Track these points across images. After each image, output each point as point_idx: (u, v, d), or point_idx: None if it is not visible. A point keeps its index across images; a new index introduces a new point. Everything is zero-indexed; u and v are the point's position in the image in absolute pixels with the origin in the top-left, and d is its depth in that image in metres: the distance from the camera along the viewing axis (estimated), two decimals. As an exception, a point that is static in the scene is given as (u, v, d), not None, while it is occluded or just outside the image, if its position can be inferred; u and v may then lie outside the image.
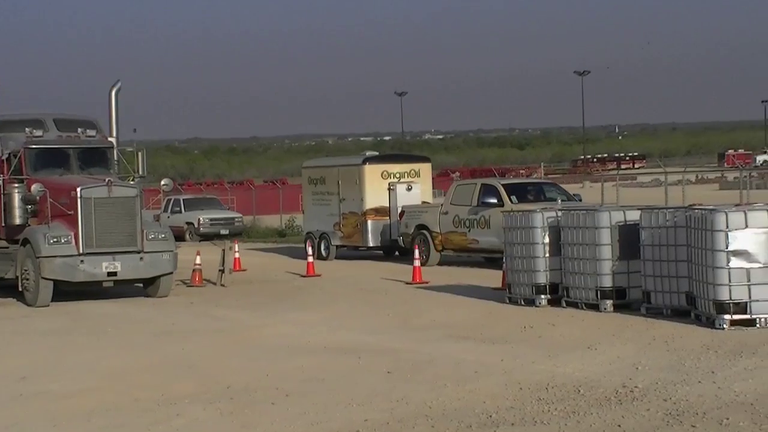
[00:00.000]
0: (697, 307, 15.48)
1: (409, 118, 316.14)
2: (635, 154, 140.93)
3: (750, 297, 14.71)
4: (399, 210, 28.95)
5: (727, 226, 14.73)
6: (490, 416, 10.34)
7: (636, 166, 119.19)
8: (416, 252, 24.10)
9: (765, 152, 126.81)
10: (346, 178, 30.38)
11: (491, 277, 22.27)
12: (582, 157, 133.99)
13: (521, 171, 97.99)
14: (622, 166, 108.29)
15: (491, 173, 69.17)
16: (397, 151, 78.72)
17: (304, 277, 25.50)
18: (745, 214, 14.86)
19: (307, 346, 15.28)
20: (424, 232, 27.69)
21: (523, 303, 18.56)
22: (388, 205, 29.49)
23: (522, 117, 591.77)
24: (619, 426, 9.71)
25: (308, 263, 26.14)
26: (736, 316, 14.70)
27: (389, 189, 29.52)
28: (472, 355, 13.79)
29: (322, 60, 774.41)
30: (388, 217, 29.55)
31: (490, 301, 19.43)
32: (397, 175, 29.87)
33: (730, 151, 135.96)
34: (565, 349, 13.98)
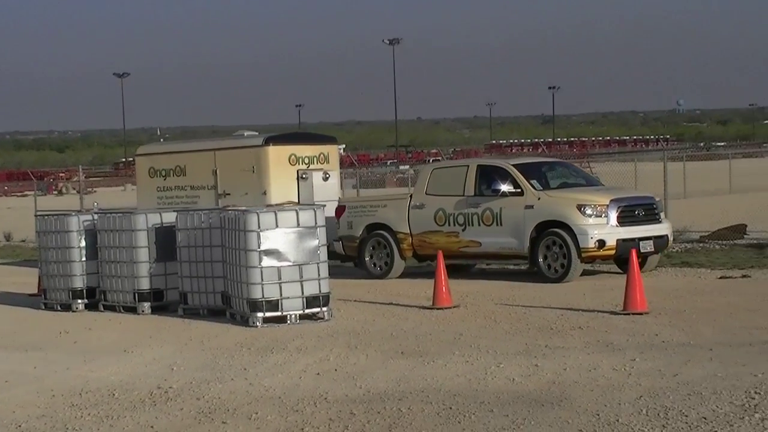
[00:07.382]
0: (232, 306, 15.86)
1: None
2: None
3: (281, 295, 15.25)
4: (324, 205, 20.44)
5: (259, 227, 15.18)
6: (20, 426, 10.03)
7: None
8: None
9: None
10: (231, 165, 22.88)
11: (27, 284, 21.60)
12: (124, 159, 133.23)
13: (61, 174, 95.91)
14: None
15: (28, 176, 66.82)
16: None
17: None
18: (276, 214, 15.39)
19: None
20: (383, 233, 21.13)
21: (59, 308, 18.21)
22: (297, 199, 21.97)
23: (61, 119, 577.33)
24: (152, 427, 9.75)
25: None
26: (268, 314, 15.20)
27: (301, 178, 22.51)
28: (4, 364, 13.31)
29: None
30: None
31: (25, 308, 18.88)
32: (306, 161, 22.85)
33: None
34: (102, 353, 13.85)
